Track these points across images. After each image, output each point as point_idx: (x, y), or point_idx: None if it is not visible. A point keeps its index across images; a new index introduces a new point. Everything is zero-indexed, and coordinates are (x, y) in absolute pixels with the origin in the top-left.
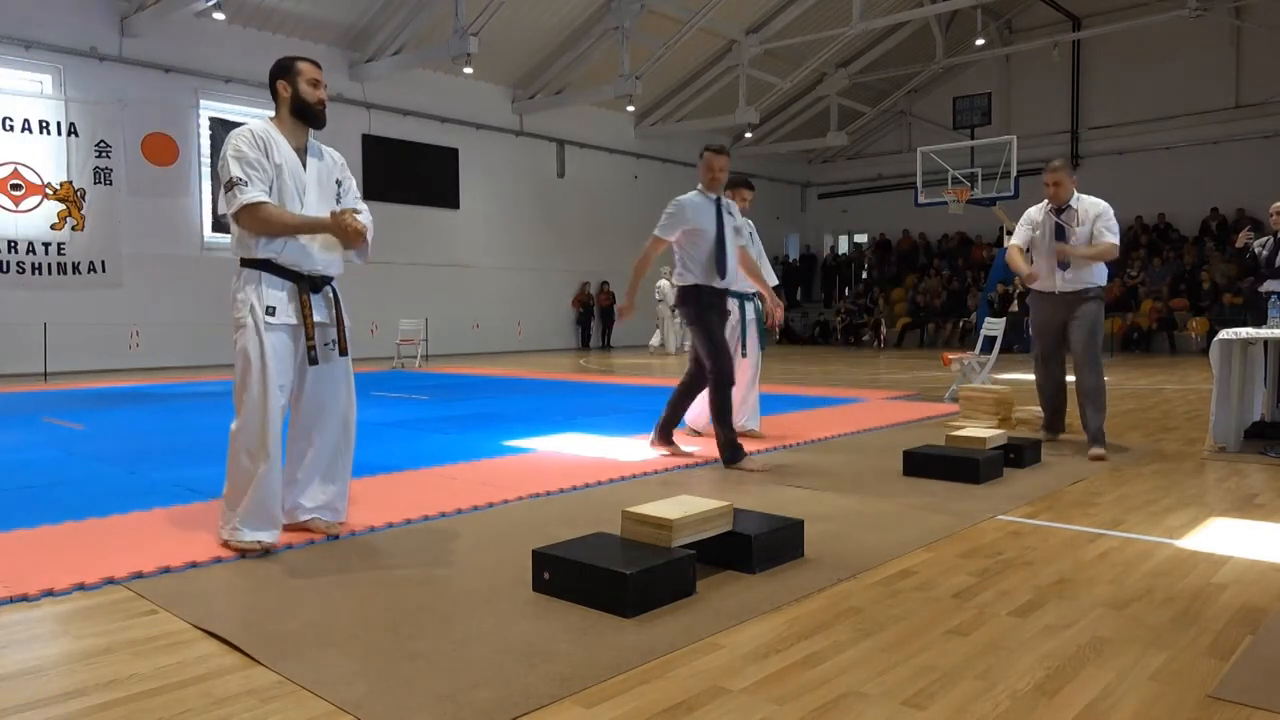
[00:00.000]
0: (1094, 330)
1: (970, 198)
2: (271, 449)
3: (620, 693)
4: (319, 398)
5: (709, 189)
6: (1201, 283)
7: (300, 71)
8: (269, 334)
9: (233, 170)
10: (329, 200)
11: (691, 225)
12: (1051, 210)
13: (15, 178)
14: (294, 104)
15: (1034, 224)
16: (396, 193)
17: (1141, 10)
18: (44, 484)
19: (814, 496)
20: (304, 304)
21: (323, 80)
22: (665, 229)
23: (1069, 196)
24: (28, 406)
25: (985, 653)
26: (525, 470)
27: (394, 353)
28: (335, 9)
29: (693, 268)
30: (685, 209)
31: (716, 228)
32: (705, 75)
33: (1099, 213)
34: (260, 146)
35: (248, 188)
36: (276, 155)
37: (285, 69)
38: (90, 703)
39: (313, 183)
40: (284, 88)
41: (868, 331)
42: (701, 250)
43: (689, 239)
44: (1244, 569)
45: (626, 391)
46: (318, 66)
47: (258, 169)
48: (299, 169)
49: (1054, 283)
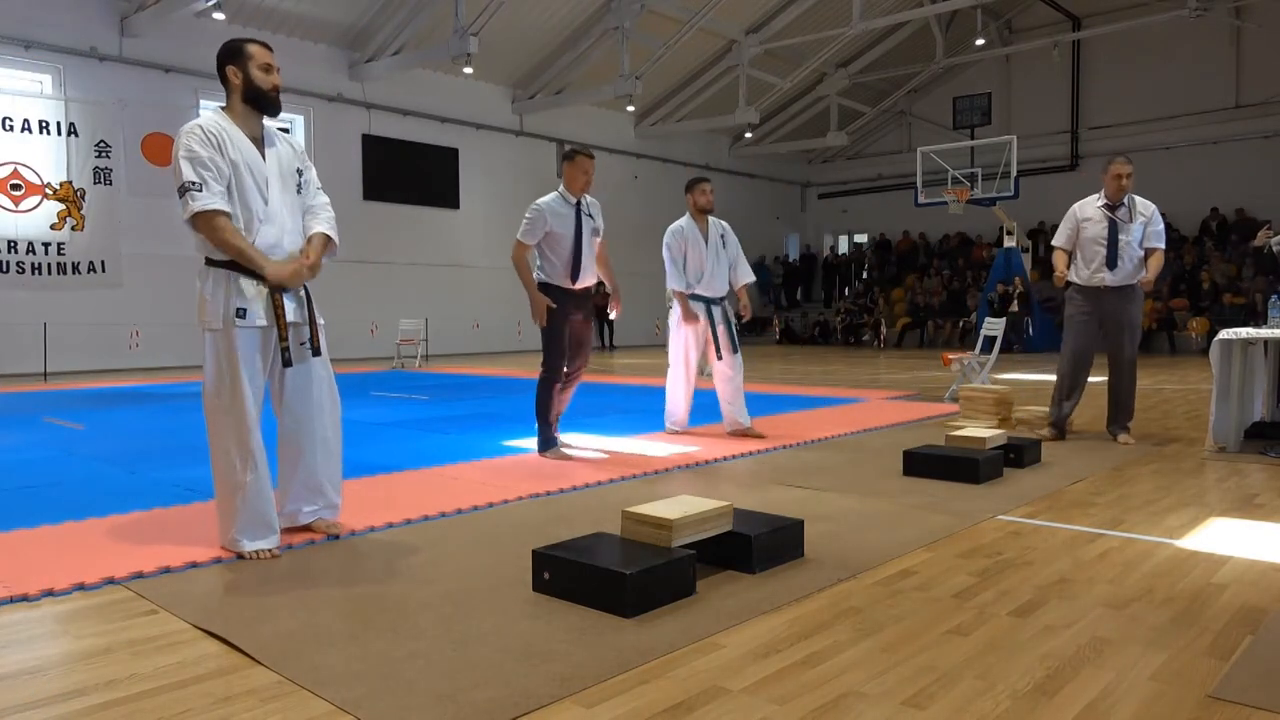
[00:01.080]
0: (1137, 327)
1: (970, 198)
2: (256, 454)
3: (620, 693)
4: (303, 400)
5: (572, 191)
6: (1201, 283)
7: (251, 55)
8: (240, 337)
9: (185, 174)
10: (290, 190)
11: (551, 229)
12: (1105, 205)
13: (15, 178)
14: (246, 91)
15: (1080, 220)
16: (396, 193)
17: (1141, 10)
18: (44, 484)
19: (814, 496)
20: (276, 304)
21: (275, 63)
22: (527, 234)
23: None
24: (28, 406)
25: (985, 653)
26: (525, 470)
27: (394, 353)
28: (335, 9)
29: (548, 268)
30: (545, 214)
31: (575, 231)
32: (705, 75)
33: (1150, 215)
34: (214, 143)
35: (201, 192)
36: (232, 150)
37: (234, 52)
38: (90, 703)
39: (274, 174)
40: (234, 74)
41: (868, 331)
42: (559, 253)
43: (548, 241)
44: (1244, 569)
45: (626, 391)
46: (269, 49)
47: (211, 169)
48: (258, 160)
49: (1102, 277)
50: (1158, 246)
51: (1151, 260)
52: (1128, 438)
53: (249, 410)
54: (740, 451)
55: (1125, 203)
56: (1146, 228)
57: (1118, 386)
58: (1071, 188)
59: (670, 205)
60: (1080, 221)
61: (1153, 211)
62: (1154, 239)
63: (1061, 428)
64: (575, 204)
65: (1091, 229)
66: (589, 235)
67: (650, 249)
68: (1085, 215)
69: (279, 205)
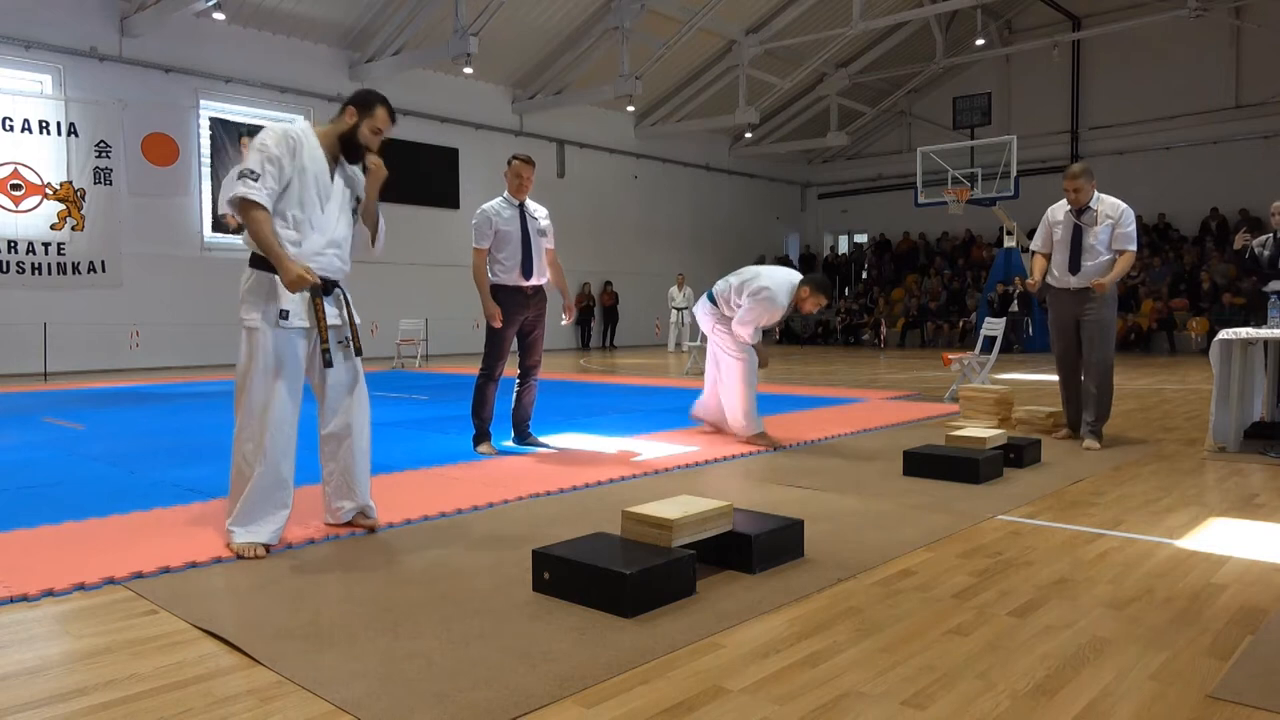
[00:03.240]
0: (1105, 329)
1: (970, 198)
2: (270, 452)
3: (620, 693)
4: (342, 399)
5: (513, 195)
6: (1201, 283)
7: (374, 115)
8: (282, 338)
9: (250, 160)
10: (346, 213)
11: (497, 229)
12: (1072, 211)
13: (15, 178)
14: (349, 134)
15: (1051, 223)
16: (396, 193)
17: (1141, 10)
18: (44, 484)
19: (814, 496)
20: (318, 306)
21: (386, 131)
22: (479, 239)
23: (1089, 199)
24: (28, 406)
25: (985, 653)
26: (525, 470)
27: (394, 353)
28: (335, 9)
29: (499, 270)
30: (490, 216)
31: (521, 230)
32: (705, 75)
33: (1119, 216)
34: (289, 147)
35: (255, 182)
36: (305, 158)
37: (366, 104)
38: (90, 703)
39: (337, 194)
40: (351, 115)
41: (868, 331)
42: (509, 253)
43: (498, 243)
44: (1244, 569)
45: (626, 391)
46: (393, 120)
47: (275, 167)
48: (326, 177)
49: (1069, 279)
50: (1126, 249)
51: (1118, 262)
52: (1093, 443)
53: (275, 408)
54: (740, 451)
55: (1092, 205)
56: (1114, 229)
57: (1086, 388)
58: None
59: (670, 205)
60: (1051, 225)
61: (1121, 212)
62: (1121, 241)
63: (1076, 427)
64: (519, 206)
65: (1060, 232)
66: (535, 234)
67: (650, 249)
68: (1055, 219)
69: (333, 219)
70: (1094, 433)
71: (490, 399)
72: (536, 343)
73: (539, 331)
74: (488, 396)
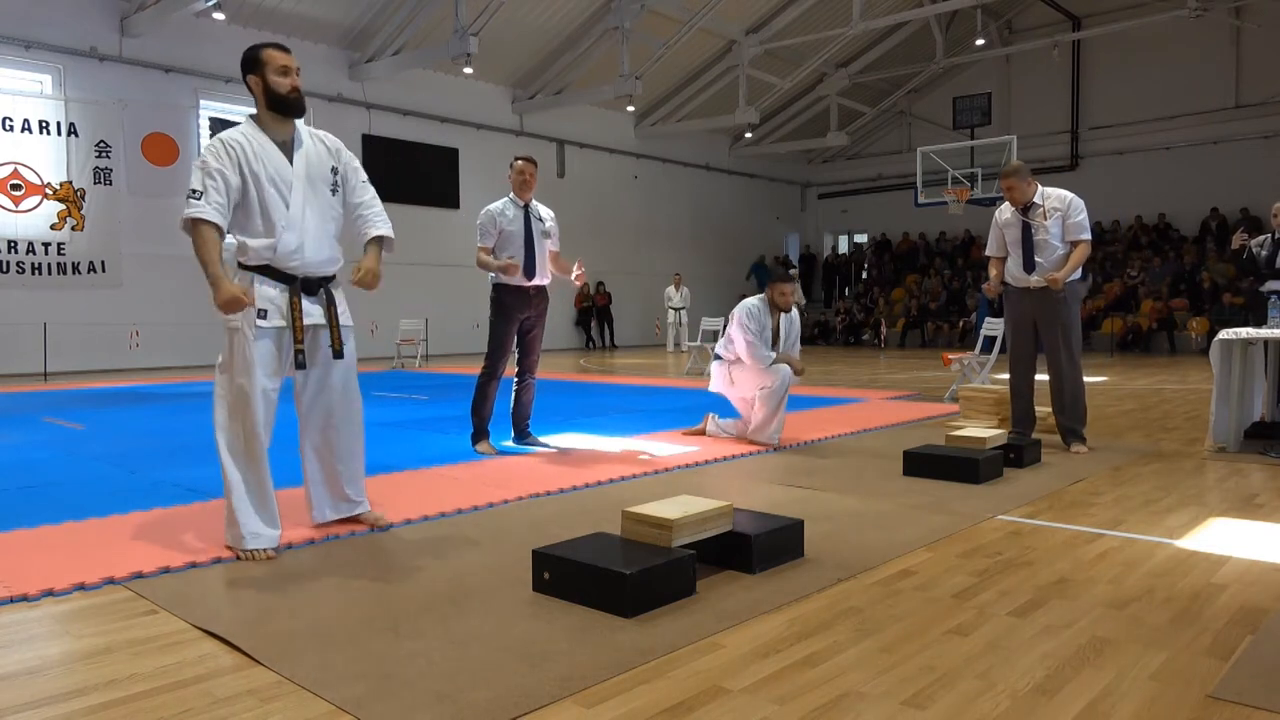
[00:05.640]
0: (1069, 330)
1: (970, 198)
2: (259, 454)
3: (620, 693)
4: (326, 401)
5: (518, 195)
6: (1201, 283)
7: (266, 61)
8: (258, 337)
9: (193, 180)
10: (323, 193)
11: (502, 229)
12: (1018, 210)
13: (15, 178)
14: (267, 97)
15: (1001, 225)
16: (396, 193)
17: (1141, 10)
18: (44, 484)
19: (814, 496)
20: (294, 306)
21: (294, 65)
22: (483, 238)
23: (1030, 197)
24: (28, 406)
25: (985, 653)
26: (525, 470)
27: (394, 353)
28: (335, 9)
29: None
30: (494, 216)
31: (525, 230)
32: (705, 75)
33: (1066, 207)
34: (232, 157)
35: (199, 201)
36: (254, 163)
37: (252, 61)
38: (90, 703)
39: (300, 178)
40: (254, 82)
41: (868, 331)
42: (512, 254)
43: (502, 243)
44: (1244, 569)
45: (627, 392)
46: (286, 51)
47: (217, 180)
48: (283, 167)
49: (1027, 279)
50: (1079, 239)
51: (1073, 254)
52: (1081, 447)
53: (256, 409)
54: (740, 451)
55: (1037, 201)
56: (1065, 221)
57: (1059, 390)
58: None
59: (670, 205)
60: (1002, 227)
61: (1069, 203)
62: (1074, 231)
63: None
64: (523, 207)
65: (1010, 233)
66: (539, 236)
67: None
68: (1003, 220)
69: (301, 211)
70: (1078, 437)
71: (491, 397)
72: (535, 342)
73: (538, 331)
74: (489, 394)
